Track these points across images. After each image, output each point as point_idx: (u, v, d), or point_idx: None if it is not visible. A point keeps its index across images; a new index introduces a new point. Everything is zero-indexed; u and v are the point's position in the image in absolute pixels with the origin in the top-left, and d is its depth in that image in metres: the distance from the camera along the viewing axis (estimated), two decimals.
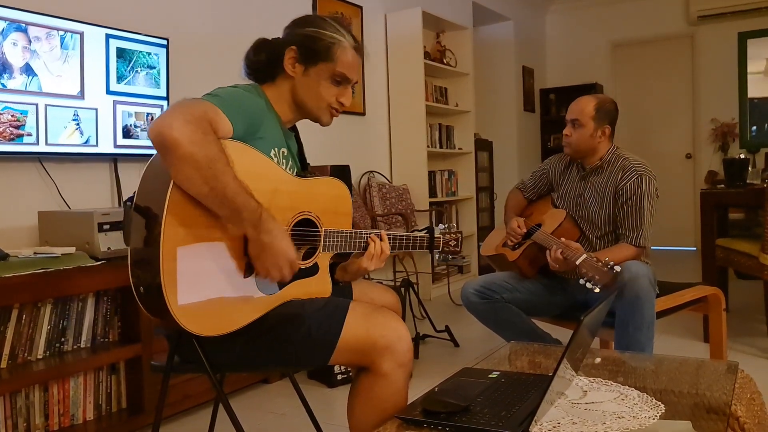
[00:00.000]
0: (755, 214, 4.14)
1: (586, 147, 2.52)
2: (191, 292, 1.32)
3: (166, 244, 1.27)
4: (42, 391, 2.20)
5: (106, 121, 2.75)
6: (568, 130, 2.54)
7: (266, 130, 1.52)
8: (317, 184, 1.60)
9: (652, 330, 2.28)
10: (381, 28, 5.05)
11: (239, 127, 1.41)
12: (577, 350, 1.36)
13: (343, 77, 1.59)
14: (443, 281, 5.13)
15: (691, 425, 1.19)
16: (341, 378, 2.91)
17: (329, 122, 1.66)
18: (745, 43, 6.71)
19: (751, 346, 3.32)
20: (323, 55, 1.56)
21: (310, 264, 1.56)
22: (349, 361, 1.50)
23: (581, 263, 2.20)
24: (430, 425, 1.23)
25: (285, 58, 1.57)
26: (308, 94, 1.59)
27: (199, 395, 2.59)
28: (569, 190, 2.62)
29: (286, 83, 1.60)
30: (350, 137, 4.68)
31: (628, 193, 2.42)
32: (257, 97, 1.55)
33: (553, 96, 7.67)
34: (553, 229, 2.51)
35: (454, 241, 1.86)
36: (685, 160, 7.22)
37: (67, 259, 2.22)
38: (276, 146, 1.55)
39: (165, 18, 3.20)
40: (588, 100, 2.54)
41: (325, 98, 1.60)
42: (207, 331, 1.35)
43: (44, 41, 2.50)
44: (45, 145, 2.52)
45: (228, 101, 1.40)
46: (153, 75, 2.93)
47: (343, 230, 1.61)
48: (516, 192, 2.87)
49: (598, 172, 2.53)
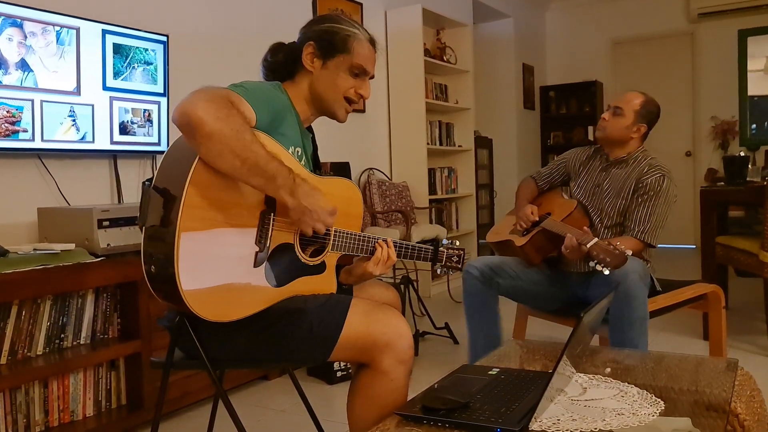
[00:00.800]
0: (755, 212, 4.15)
1: (618, 137, 2.53)
2: (202, 274, 1.33)
3: (183, 223, 1.28)
4: (42, 387, 2.20)
5: (103, 117, 2.73)
6: (607, 115, 2.55)
7: (287, 127, 1.55)
8: (331, 184, 1.61)
9: (645, 326, 2.27)
10: (381, 24, 5.04)
11: (263, 118, 1.43)
12: (576, 347, 1.36)
13: (360, 69, 1.62)
14: (443, 279, 5.13)
15: (690, 422, 1.19)
16: (341, 375, 2.91)
17: (344, 118, 1.68)
18: (745, 40, 6.71)
19: (750, 343, 3.32)
20: (340, 47, 1.60)
21: (318, 262, 1.56)
22: (350, 358, 1.50)
23: (592, 246, 2.19)
24: (430, 422, 1.23)
25: (303, 54, 1.60)
26: (327, 86, 1.62)
27: (198, 392, 2.59)
28: (588, 180, 2.63)
29: (305, 80, 1.63)
30: (350, 134, 4.68)
31: (647, 187, 2.43)
32: (281, 93, 1.58)
33: (553, 93, 7.66)
34: (562, 217, 2.51)
35: (456, 257, 1.85)
36: (685, 157, 7.22)
37: (67, 255, 2.22)
38: (294, 145, 1.57)
39: (164, 14, 3.20)
40: (637, 94, 2.56)
41: (342, 90, 1.62)
42: (213, 315, 1.35)
43: (40, 37, 2.48)
44: (41, 142, 2.51)
45: (252, 92, 1.42)
46: (150, 71, 2.91)
47: (353, 232, 1.62)
48: (529, 180, 2.87)
49: (621, 165, 2.54)
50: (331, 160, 3.81)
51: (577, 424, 1.20)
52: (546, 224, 2.48)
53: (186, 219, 1.29)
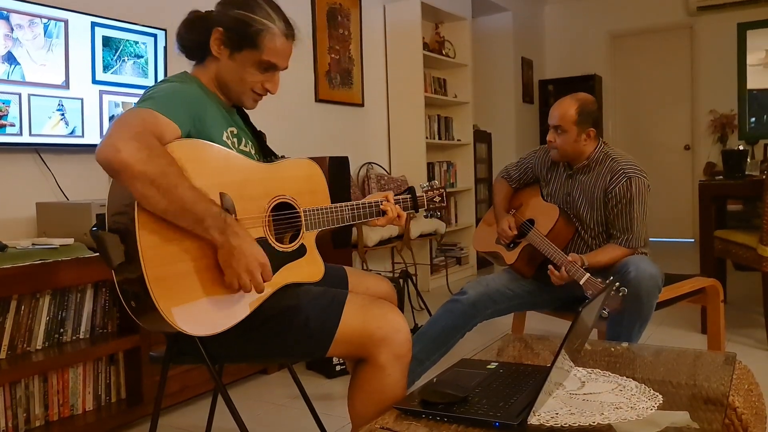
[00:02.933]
0: (753, 206, 4.14)
1: (572, 151, 2.46)
2: (183, 295, 1.30)
3: (145, 253, 1.26)
4: (41, 381, 2.21)
5: (93, 111, 2.70)
6: (551, 136, 2.48)
7: (212, 116, 1.49)
8: (286, 167, 1.58)
9: (645, 326, 2.29)
10: (380, 18, 5.03)
11: (185, 123, 1.38)
12: (575, 341, 1.37)
13: (269, 65, 1.54)
14: (441, 273, 5.14)
15: (688, 416, 1.19)
16: (340, 369, 2.91)
17: (253, 106, 1.62)
18: (744, 34, 6.69)
19: (748, 337, 3.33)
20: (249, 42, 1.51)
21: (296, 246, 1.55)
22: (347, 353, 1.50)
23: (585, 284, 2.19)
24: (429, 416, 1.23)
25: (211, 39, 1.52)
26: (232, 77, 1.55)
27: (197, 386, 2.60)
28: (557, 188, 2.58)
29: (213, 64, 1.56)
30: (349, 128, 4.67)
31: (618, 196, 2.38)
32: (191, 84, 1.52)
33: (551, 87, 7.64)
34: (548, 230, 2.46)
35: (438, 197, 1.85)
36: (684, 151, 7.22)
37: (66, 250, 2.22)
38: (226, 127, 1.53)
39: (163, 8, 3.18)
40: (569, 103, 2.44)
41: (249, 84, 1.56)
42: (205, 330, 1.34)
43: (27, 29, 2.45)
44: (29, 136, 2.47)
45: (163, 101, 1.37)
46: (141, 64, 2.88)
47: (323, 207, 1.60)
48: (502, 182, 2.82)
49: (585, 171, 2.49)
50: (329, 154, 3.80)
51: (576, 418, 1.21)
52: (532, 241, 2.45)
53: (146, 247, 1.26)
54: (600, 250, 2.44)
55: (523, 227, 2.56)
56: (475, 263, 5.79)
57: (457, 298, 2.42)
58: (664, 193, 6.95)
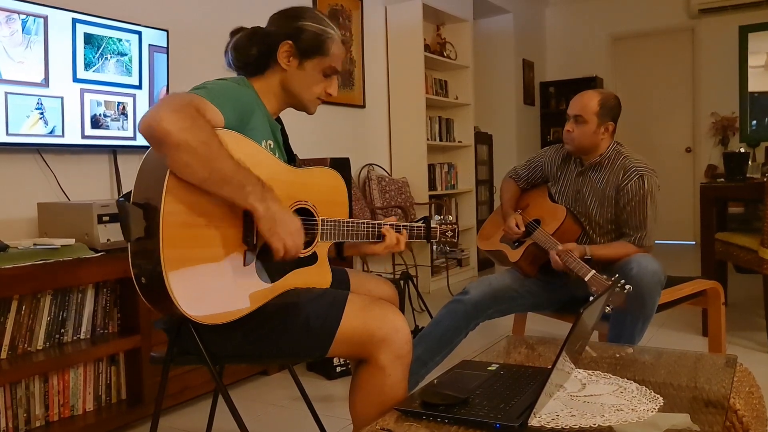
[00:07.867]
0: (755, 208, 4.15)
1: (588, 144, 2.45)
2: (192, 279, 1.32)
3: (166, 231, 1.27)
4: (42, 381, 2.21)
5: (74, 110, 2.62)
6: (570, 126, 2.47)
7: (256, 121, 1.53)
8: (312, 174, 1.60)
9: (647, 324, 2.28)
10: (381, 20, 5.03)
11: (230, 117, 1.41)
12: (576, 343, 1.37)
13: (333, 70, 1.62)
14: (442, 274, 5.14)
15: (689, 418, 1.19)
16: (340, 370, 2.91)
17: (314, 112, 1.69)
18: (746, 36, 6.69)
19: (749, 340, 3.33)
20: (320, 49, 1.58)
21: (309, 253, 1.56)
22: (348, 353, 1.51)
23: (590, 280, 2.18)
24: (429, 417, 1.23)
25: (279, 52, 1.57)
26: (301, 86, 1.61)
27: (198, 387, 2.60)
28: (567, 186, 2.57)
29: (276, 76, 1.60)
30: (350, 130, 4.68)
31: (631, 193, 2.37)
32: (246, 88, 1.56)
33: (552, 89, 7.65)
34: (554, 229, 2.46)
35: (450, 232, 1.86)
36: (685, 153, 7.22)
37: (67, 250, 2.22)
38: (265, 138, 1.56)
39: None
40: (591, 95, 2.46)
41: (317, 91, 1.63)
42: (209, 319, 1.35)
43: (4, 25, 2.37)
44: (6, 135, 2.40)
45: (216, 92, 1.40)
46: (124, 62, 2.80)
47: (341, 219, 1.61)
48: (510, 182, 2.81)
49: (597, 168, 2.48)
50: (330, 155, 3.81)
51: (576, 419, 1.21)
52: (538, 240, 2.45)
53: (168, 227, 1.27)
54: (609, 244, 2.44)
55: (529, 227, 2.56)
56: (476, 265, 5.79)
57: (460, 299, 2.41)
58: (665, 195, 6.91)
